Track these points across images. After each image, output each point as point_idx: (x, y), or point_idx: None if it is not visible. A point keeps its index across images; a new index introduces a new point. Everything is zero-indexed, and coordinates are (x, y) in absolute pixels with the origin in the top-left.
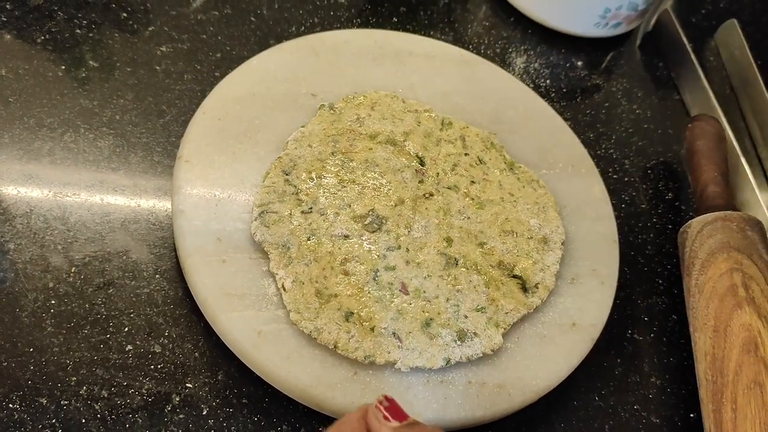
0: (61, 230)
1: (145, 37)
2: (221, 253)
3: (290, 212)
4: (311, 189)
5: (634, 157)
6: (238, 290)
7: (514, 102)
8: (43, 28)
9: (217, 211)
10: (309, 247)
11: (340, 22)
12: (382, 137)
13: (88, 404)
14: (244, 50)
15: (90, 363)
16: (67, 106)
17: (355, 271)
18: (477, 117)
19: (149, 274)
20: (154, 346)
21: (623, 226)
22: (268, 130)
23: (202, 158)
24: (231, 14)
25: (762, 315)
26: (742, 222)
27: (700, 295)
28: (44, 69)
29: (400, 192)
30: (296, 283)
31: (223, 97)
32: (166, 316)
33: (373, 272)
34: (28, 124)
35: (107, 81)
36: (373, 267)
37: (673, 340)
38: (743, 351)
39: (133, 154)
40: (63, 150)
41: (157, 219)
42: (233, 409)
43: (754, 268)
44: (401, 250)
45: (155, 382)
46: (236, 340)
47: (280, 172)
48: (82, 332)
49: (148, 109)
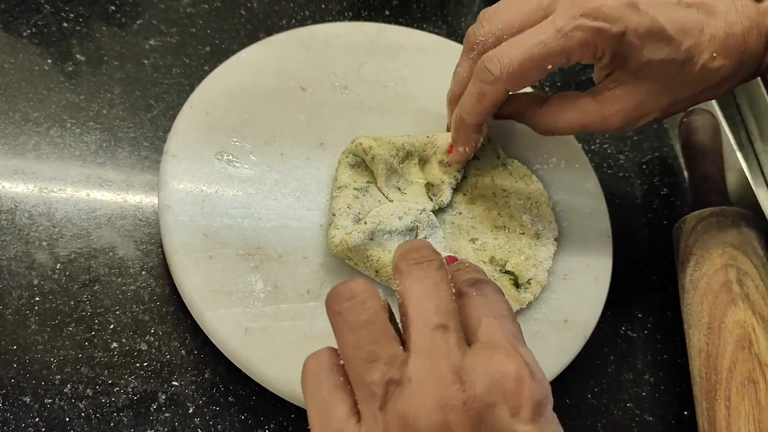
0: (46, 226)
1: (133, 31)
2: (208, 249)
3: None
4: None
5: (628, 152)
6: (225, 287)
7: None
8: (30, 21)
9: (204, 207)
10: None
11: (332, 15)
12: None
13: (73, 403)
14: (234, 44)
15: (75, 361)
16: (54, 100)
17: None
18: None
19: (135, 271)
20: (140, 344)
21: (617, 221)
22: (257, 124)
23: (189, 153)
24: (220, 7)
25: (756, 312)
26: (737, 217)
27: (694, 292)
28: (30, 63)
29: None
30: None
31: (212, 92)
32: (153, 314)
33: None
34: (14, 119)
35: (94, 75)
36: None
37: (667, 337)
38: (737, 348)
39: (120, 149)
40: (49, 145)
41: (144, 215)
42: (220, 408)
43: (749, 264)
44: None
45: (141, 380)
46: (223, 337)
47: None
48: (67, 330)
49: (136, 104)
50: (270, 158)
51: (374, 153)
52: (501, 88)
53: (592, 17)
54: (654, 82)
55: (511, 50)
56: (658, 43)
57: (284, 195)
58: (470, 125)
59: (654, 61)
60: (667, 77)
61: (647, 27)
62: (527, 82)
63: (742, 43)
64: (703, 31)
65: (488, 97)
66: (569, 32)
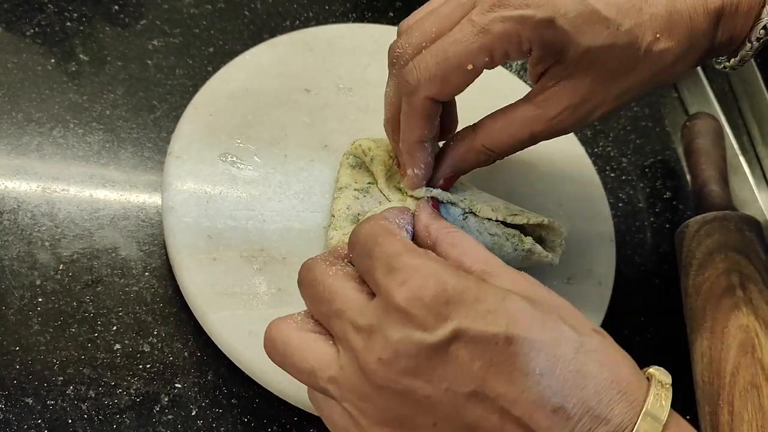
0: (48, 226)
1: (137, 31)
2: (212, 251)
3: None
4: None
5: (631, 156)
6: (229, 289)
7: (511, 99)
8: (33, 21)
9: (208, 208)
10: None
11: (335, 17)
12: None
13: (75, 404)
14: (237, 45)
15: (77, 362)
16: (57, 100)
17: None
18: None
19: (138, 272)
20: (143, 345)
21: (620, 225)
22: (261, 126)
23: (192, 154)
24: (224, 8)
25: (760, 316)
26: (740, 222)
27: (697, 296)
28: (33, 62)
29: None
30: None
31: (215, 93)
32: (155, 315)
33: None
34: (17, 119)
35: (97, 75)
36: None
37: (669, 341)
38: (740, 352)
39: (123, 150)
40: (52, 145)
41: (147, 215)
42: (222, 410)
43: (751, 269)
44: None
45: (143, 381)
46: (226, 339)
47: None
48: (70, 331)
49: (139, 104)
50: (274, 160)
51: (373, 154)
52: (422, 97)
53: (512, 6)
54: (598, 72)
55: (428, 55)
56: (595, 27)
57: (288, 197)
58: (411, 143)
59: (593, 48)
60: (611, 64)
61: (578, 10)
62: (452, 88)
63: (688, 21)
64: (642, 11)
65: (415, 110)
66: (487, 26)
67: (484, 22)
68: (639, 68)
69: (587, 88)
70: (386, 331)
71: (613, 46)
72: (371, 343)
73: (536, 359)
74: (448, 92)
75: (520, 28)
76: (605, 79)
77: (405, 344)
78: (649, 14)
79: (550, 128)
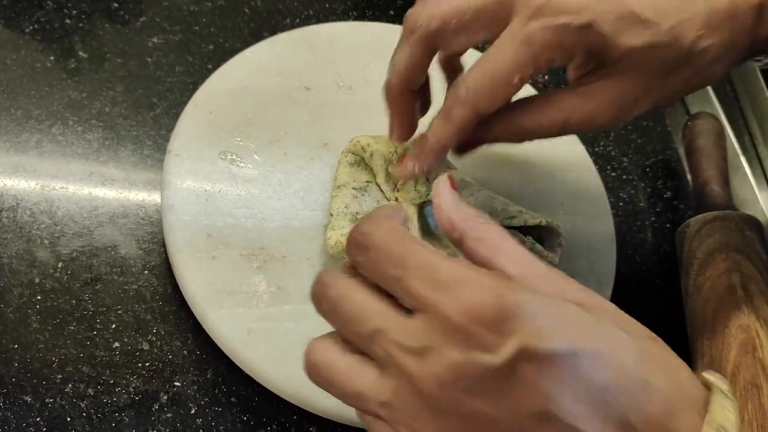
0: (48, 224)
1: (137, 28)
2: (211, 249)
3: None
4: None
5: (632, 155)
6: (228, 287)
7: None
8: (32, 18)
9: (207, 207)
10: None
11: (336, 15)
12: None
13: (74, 402)
14: (238, 42)
15: (76, 360)
16: (56, 97)
17: None
18: None
19: (138, 270)
20: (142, 344)
21: (621, 224)
22: (261, 124)
23: (192, 152)
24: (224, 5)
25: (760, 316)
26: (741, 222)
27: (698, 296)
28: (32, 59)
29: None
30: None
31: (215, 90)
32: (155, 313)
33: None
34: (15, 116)
35: (97, 72)
36: None
37: (670, 341)
38: (741, 352)
39: (123, 147)
40: (51, 142)
41: (147, 213)
42: (222, 408)
43: (752, 269)
44: None
45: (143, 380)
46: (226, 338)
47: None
48: (69, 329)
49: (139, 102)
50: (274, 158)
51: (372, 149)
52: (468, 110)
53: (551, 14)
54: (640, 71)
55: (475, 69)
56: (635, 27)
57: (288, 195)
58: (434, 148)
59: (635, 48)
60: (654, 64)
61: (617, 12)
62: (498, 102)
63: (730, 18)
64: (683, 9)
65: (456, 122)
66: (529, 37)
67: (526, 33)
68: (682, 67)
69: (628, 85)
70: (445, 353)
71: (655, 45)
72: (427, 366)
73: (601, 372)
74: (494, 106)
75: (562, 35)
76: (647, 77)
77: (468, 367)
78: (689, 12)
79: (587, 119)
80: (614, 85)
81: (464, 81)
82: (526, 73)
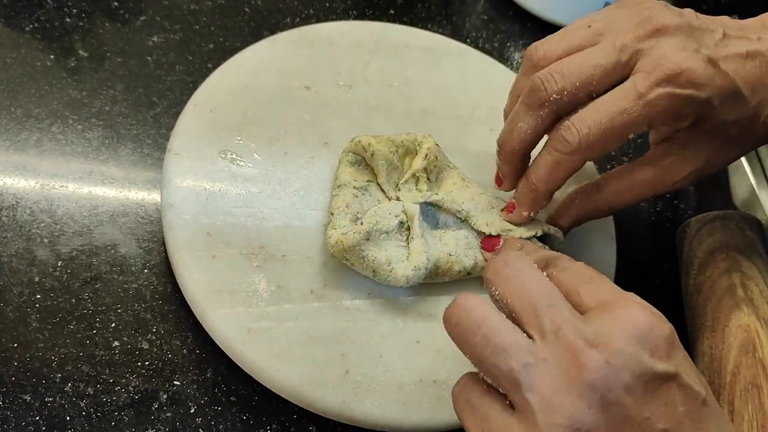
0: (47, 223)
1: (137, 27)
2: (211, 248)
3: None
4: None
5: (633, 155)
6: (228, 286)
7: None
8: (32, 17)
9: (207, 206)
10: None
11: (336, 14)
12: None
13: (74, 401)
14: (238, 41)
15: (75, 359)
16: (56, 96)
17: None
18: (474, 112)
19: (137, 269)
20: (142, 343)
21: (621, 224)
22: (261, 123)
23: (192, 151)
24: (224, 4)
25: (761, 316)
26: (741, 221)
27: (698, 295)
28: (32, 58)
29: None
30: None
31: (215, 89)
32: (155, 312)
33: None
34: (15, 115)
35: (97, 71)
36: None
37: None
38: (741, 352)
39: (123, 146)
40: (51, 141)
41: (147, 212)
42: (222, 408)
43: (752, 268)
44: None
45: (142, 379)
46: (225, 337)
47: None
48: (68, 328)
49: (139, 101)
50: (274, 157)
51: (374, 149)
52: (578, 159)
53: (679, 85)
54: (720, 139)
55: (590, 118)
56: (735, 104)
57: (288, 194)
58: (542, 193)
59: (727, 121)
60: (733, 132)
61: (728, 90)
62: (606, 152)
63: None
64: (765, 83)
65: (563, 167)
66: (653, 100)
67: (652, 96)
68: (752, 136)
69: (709, 153)
70: (616, 341)
71: (741, 119)
72: (596, 348)
73: (714, 426)
74: (601, 155)
75: (684, 105)
76: (725, 144)
77: (635, 359)
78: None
79: (672, 189)
80: (697, 153)
81: (574, 129)
82: (639, 131)
